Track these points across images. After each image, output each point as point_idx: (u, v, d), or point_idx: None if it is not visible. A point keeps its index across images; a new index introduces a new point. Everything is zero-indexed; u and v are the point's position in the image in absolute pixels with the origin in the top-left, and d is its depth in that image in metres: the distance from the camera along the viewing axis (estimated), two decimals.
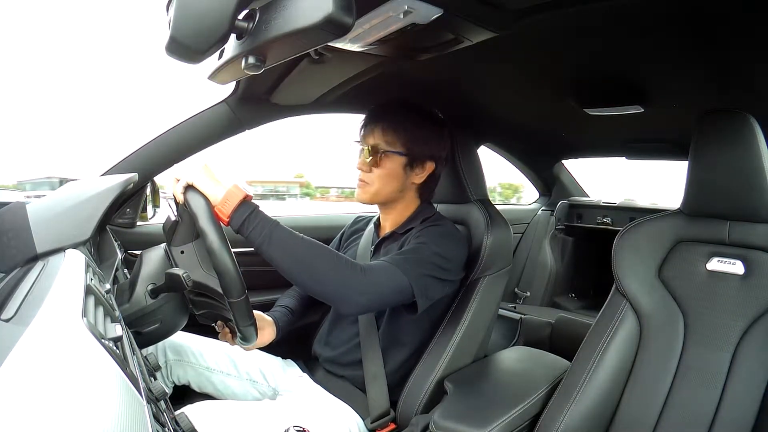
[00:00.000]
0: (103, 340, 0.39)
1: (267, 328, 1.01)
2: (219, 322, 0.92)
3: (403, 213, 1.03)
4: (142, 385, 0.42)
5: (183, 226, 0.80)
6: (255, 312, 0.97)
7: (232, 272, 0.73)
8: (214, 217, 0.74)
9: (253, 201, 0.78)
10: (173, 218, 0.81)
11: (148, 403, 0.40)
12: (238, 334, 0.80)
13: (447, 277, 0.91)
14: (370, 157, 0.96)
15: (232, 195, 0.75)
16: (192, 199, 0.75)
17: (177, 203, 0.80)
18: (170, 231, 0.81)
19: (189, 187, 0.76)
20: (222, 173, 0.79)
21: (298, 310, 1.11)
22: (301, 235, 0.80)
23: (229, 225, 0.77)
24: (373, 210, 1.11)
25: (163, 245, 0.84)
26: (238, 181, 0.78)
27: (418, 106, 1.00)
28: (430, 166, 0.99)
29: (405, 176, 0.97)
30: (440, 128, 1.01)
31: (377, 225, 1.10)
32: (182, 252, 0.78)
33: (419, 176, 0.99)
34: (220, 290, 0.75)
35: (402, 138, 0.95)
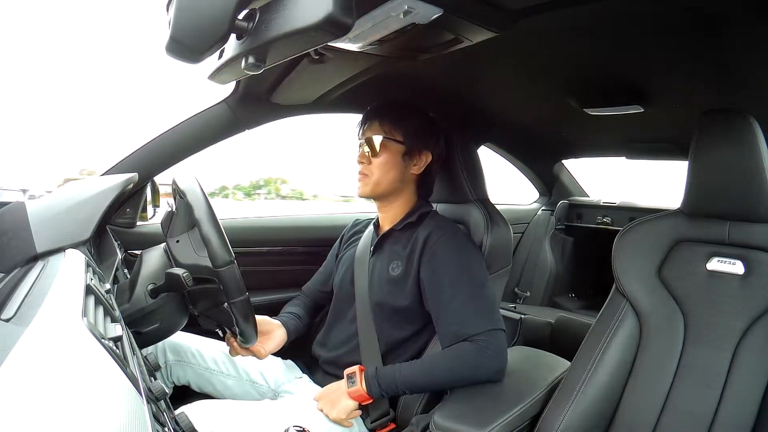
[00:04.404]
0: (103, 340, 0.39)
1: (276, 330, 1.02)
2: (227, 335, 0.93)
3: (401, 210, 1.04)
4: (142, 385, 0.42)
5: (178, 218, 0.83)
6: (263, 317, 0.99)
7: (217, 240, 0.74)
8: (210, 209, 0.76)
9: (360, 369, 0.90)
10: (168, 209, 0.85)
11: (148, 403, 0.40)
12: (238, 333, 0.80)
13: (491, 285, 0.96)
14: (369, 149, 0.99)
15: (358, 394, 0.88)
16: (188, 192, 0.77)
17: (174, 197, 0.83)
18: (166, 223, 0.85)
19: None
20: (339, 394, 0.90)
21: (305, 317, 1.12)
22: (419, 362, 0.90)
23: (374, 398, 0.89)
24: (372, 210, 1.12)
25: (163, 245, 0.84)
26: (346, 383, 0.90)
27: (413, 104, 1.03)
28: (426, 157, 1.01)
29: (403, 165, 0.99)
30: (434, 124, 1.04)
31: (376, 225, 1.10)
32: (178, 241, 0.81)
33: (417, 167, 1.01)
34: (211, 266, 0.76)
35: (399, 128, 0.99)
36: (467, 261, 0.92)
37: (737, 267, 0.78)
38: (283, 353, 1.12)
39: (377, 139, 0.98)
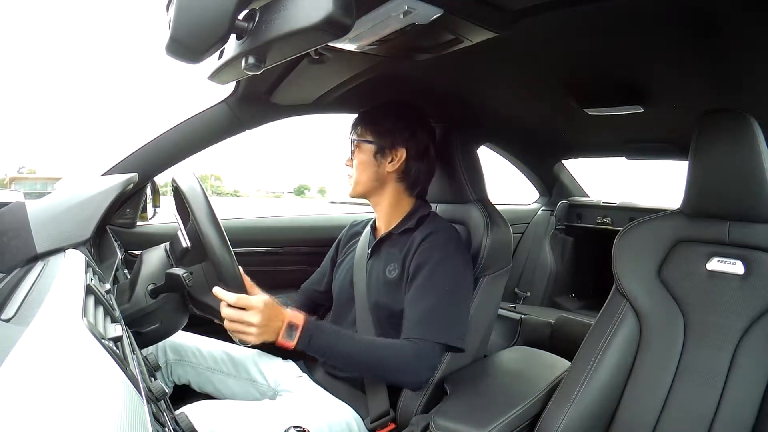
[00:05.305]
0: (103, 340, 0.39)
1: (254, 288, 0.97)
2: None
3: (397, 212, 1.04)
4: (142, 385, 0.42)
5: (193, 251, 0.81)
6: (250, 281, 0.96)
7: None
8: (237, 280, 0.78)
9: (304, 326, 0.84)
10: (184, 245, 0.82)
11: (148, 403, 0.40)
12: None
13: (468, 299, 0.97)
14: (350, 152, 1.04)
15: (287, 344, 0.83)
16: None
17: (185, 226, 0.82)
18: (180, 254, 0.82)
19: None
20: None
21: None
22: (354, 337, 0.90)
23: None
24: (370, 211, 1.12)
25: (163, 245, 0.84)
26: (288, 319, 0.84)
27: (394, 103, 1.04)
28: (400, 153, 1.01)
29: (377, 164, 1.01)
30: (409, 120, 1.03)
31: (373, 227, 1.10)
32: (191, 273, 0.79)
33: (392, 164, 1.01)
34: None
35: (370, 128, 1.02)
36: (449, 269, 0.92)
37: (737, 267, 0.78)
38: (283, 353, 1.12)
39: (353, 142, 1.03)
